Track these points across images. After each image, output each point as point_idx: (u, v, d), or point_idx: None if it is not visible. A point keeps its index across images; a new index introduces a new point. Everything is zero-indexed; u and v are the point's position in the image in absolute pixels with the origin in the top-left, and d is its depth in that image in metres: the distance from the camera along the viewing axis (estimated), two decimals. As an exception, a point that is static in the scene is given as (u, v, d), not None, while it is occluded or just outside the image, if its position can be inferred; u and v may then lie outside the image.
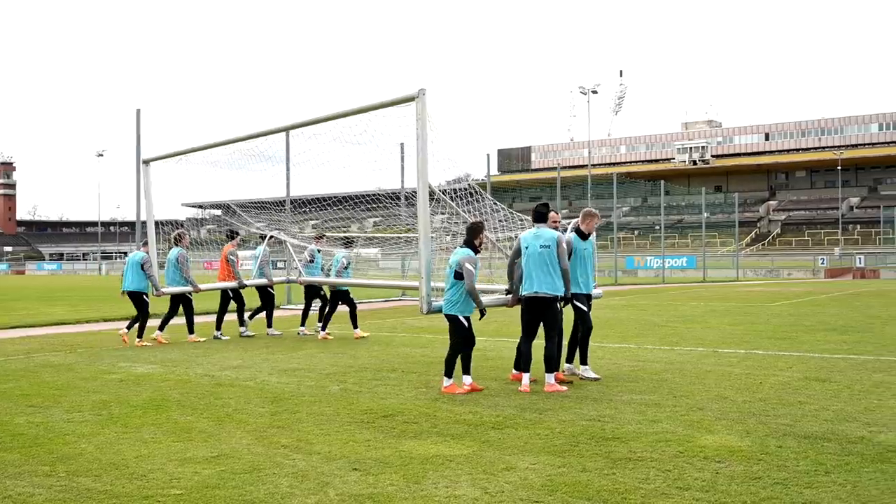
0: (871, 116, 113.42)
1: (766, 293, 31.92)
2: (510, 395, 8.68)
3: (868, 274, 52.30)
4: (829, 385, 9.07)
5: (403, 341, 14.31)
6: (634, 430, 6.89)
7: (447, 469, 5.72)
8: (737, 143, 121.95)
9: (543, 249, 8.88)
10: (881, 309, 21.41)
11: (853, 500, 4.92)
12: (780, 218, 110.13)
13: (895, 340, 13.54)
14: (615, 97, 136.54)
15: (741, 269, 57.24)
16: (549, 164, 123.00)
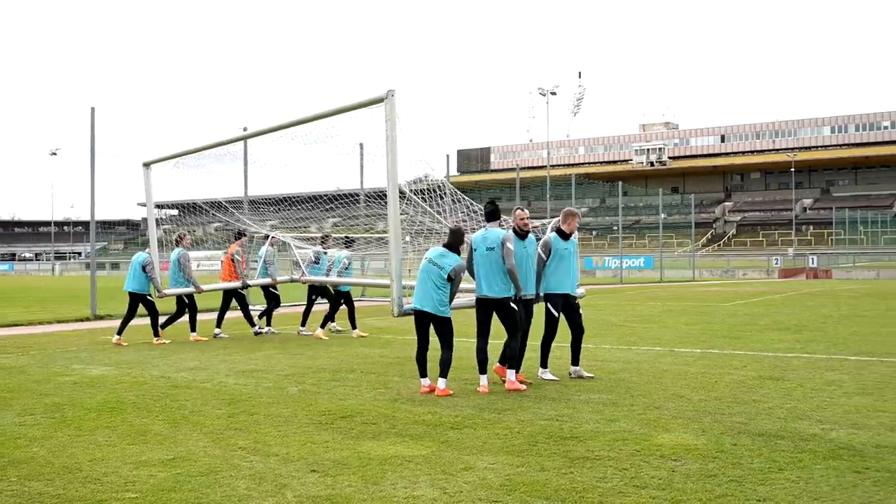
0: (824, 119, 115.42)
1: (721, 293, 32.34)
2: (469, 395, 8.70)
3: (821, 274, 53.21)
4: (782, 383, 9.21)
5: (362, 342, 14.28)
6: (592, 429, 6.94)
7: (406, 470, 5.72)
8: (693, 144, 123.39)
9: (489, 252, 8.92)
10: (833, 308, 21.79)
11: (806, 497, 5.00)
12: (735, 219, 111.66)
13: (846, 339, 13.79)
14: (574, 99, 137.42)
15: (697, 269, 57.95)
16: (508, 164, 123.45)
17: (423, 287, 8.95)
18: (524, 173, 51.49)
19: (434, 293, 8.88)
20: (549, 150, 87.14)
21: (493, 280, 8.92)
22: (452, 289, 8.95)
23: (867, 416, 7.34)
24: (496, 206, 9.35)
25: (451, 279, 8.88)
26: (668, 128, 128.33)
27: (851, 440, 6.42)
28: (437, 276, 8.89)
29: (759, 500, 4.94)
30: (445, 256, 8.97)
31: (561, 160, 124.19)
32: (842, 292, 31.77)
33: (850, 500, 4.94)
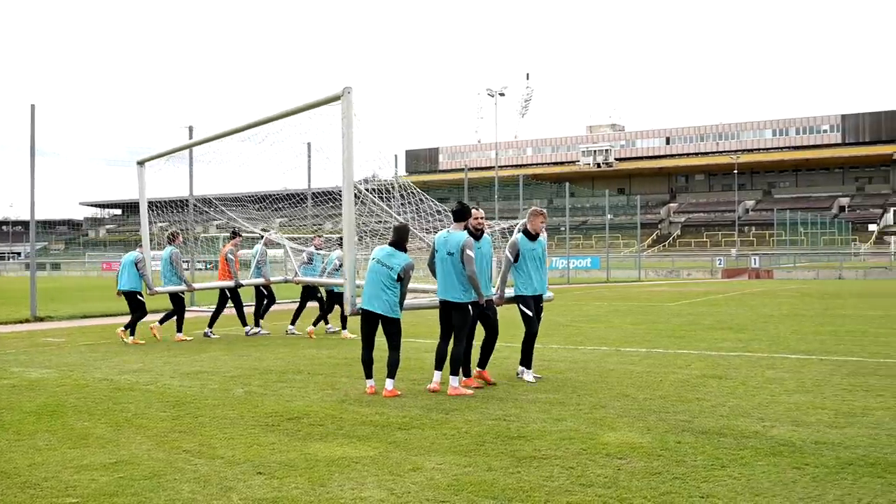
0: (766, 122, 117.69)
1: (666, 293, 32.77)
2: (417, 395, 8.69)
3: (762, 274, 54.17)
4: (725, 382, 9.36)
5: (310, 343, 14.19)
6: (539, 428, 6.98)
7: (353, 471, 5.70)
8: (639, 146, 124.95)
9: (448, 256, 8.86)
10: (774, 308, 22.21)
11: (747, 493, 5.09)
12: (680, 220, 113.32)
13: (787, 338, 14.07)
14: (522, 100, 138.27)
15: (643, 269, 58.62)
16: (456, 165, 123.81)
17: (373, 287, 8.86)
18: (472, 174, 51.64)
19: (384, 294, 8.81)
20: (497, 150, 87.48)
21: (450, 284, 8.88)
22: (402, 289, 8.90)
23: (807, 414, 7.49)
24: (464, 207, 9.15)
25: (400, 279, 8.84)
26: (615, 129, 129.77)
27: (791, 437, 6.55)
28: (386, 277, 8.81)
29: (703, 497, 5.01)
30: (394, 256, 8.89)
31: (509, 161, 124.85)
32: (782, 292, 32.40)
33: (789, 495, 5.04)
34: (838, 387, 8.94)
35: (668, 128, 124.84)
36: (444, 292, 8.95)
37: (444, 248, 8.92)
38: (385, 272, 8.81)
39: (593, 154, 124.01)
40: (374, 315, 8.87)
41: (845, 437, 6.52)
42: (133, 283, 14.55)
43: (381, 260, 8.88)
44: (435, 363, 9.08)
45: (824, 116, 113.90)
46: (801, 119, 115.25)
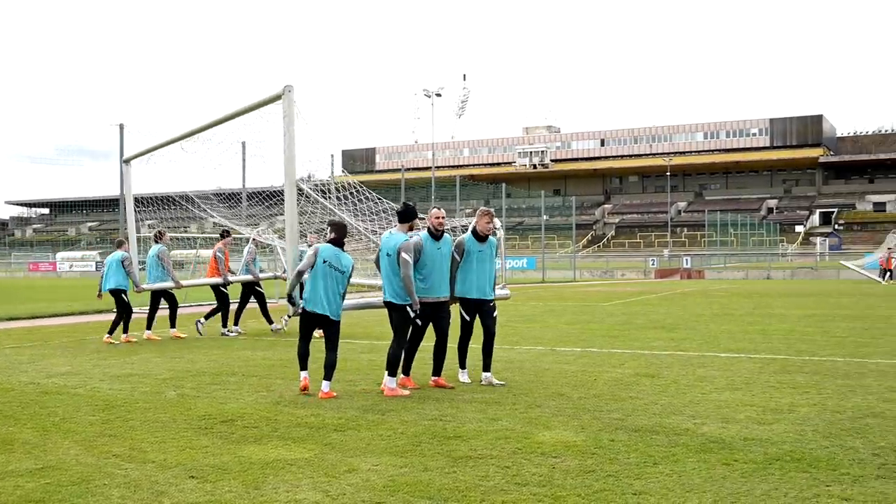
0: (697, 125, 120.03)
1: (601, 293, 33.17)
2: (353, 397, 8.65)
3: (694, 274, 55.17)
4: (657, 380, 9.51)
5: (244, 344, 14.02)
6: (475, 428, 7.01)
7: (288, 473, 5.64)
8: (574, 148, 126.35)
9: (387, 258, 8.85)
10: (705, 307, 22.64)
11: (678, 490, 5.18)
12: (614, 221, 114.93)
13: (717, 337, 14.35)
14: (458, 101, 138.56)
15: (578, 269, 59.21)
16: (393, 165, 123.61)
17: (324, 290, 8.76)
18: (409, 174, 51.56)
19: (334, 296, 8.79)
20: (433, 151, 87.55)
21: (387, 284, 8.88)
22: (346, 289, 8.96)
23: (736, 411, 7.66)
24: (408, 208, 9.07)
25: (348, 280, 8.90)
26: (551, 131, 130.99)
27: (721, 434, 6.69)
28: (339, 280, 8.80)
29: (635, 494, 5.09)
30: (341, 257, 8.84)
31: (446, 162, 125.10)
32: (713, 292, 33.03)
33: (719, 491, 5.14)
34: (766, 384, 9.15)
35: (602, 130, 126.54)
36: (384, 292, 8.96)
37: (384, 250, 8.91)
38: (338, 276, 8.79)
39: (529, 155, 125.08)
40: (320, 316, 8.83)
41: (773, 434, 6.67)
42: (119, 281, 14.62)
43: (331, 263, 8.79)
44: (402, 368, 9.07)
45: (753, 120, 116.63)
46: (731, 122, 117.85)
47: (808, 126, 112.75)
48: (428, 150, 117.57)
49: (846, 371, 10.10)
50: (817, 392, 8.62)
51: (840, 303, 23.69)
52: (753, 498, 5.00)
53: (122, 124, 24.82)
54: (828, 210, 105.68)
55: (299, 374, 8.90)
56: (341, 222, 9.14)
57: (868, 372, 10.02)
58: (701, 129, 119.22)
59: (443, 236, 9.14)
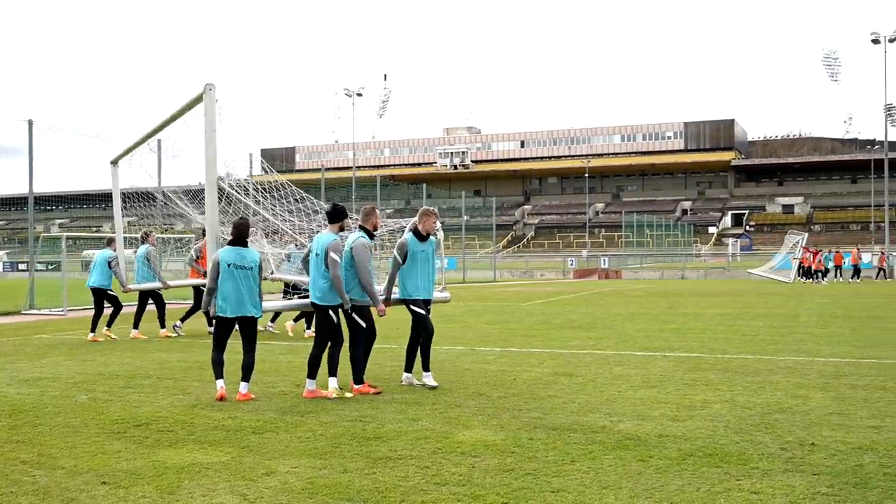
0: (615, 128, 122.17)
1: (521, 293, 33.47)
2: (271, 398, 8.55)
3: (611, 275, 56.08)
4: (575, 379, 9.64)
5: (159, 346, 13.72)
6: (395, 428, 6.99)
7: (204, 477, 5.54)
8: (495, 149, 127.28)
9: (316, 258, 8.71)
10: (622, 307, 23.04)
11: (595, 486, 5.26)
12: (534, 222, 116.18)
13: (634, 336, 14.62)
14: (380, 100, 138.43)
15: (498, 270, 59.60)
16: (313, 165, 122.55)
17: (237, 292, 8.57)
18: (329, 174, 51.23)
19: (250, 295, 8.63)
20: (354, 151, 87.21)
21: (315, 285, 8.73)
22: (261, 284, 8.80)
23: (651, 408, 7.81)
24: (337, 208, 8.98)
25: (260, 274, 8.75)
26: (471, 132, 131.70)
27: (637, 431, 6.82)
28: (250, 276, 8.64)
29: (553, 492, 5.15)
30: (244, 254, 8.65)
31: (367, 162, 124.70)
32: (630, 292, 33.63)
33: (635, 487, 5.24)
34: (680, 382, 9.36)
35: (522, 132, 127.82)
36: (312, 293, 8.81)
37: (314, 250, 8.79)
38: (246, 272, 8.61)
39: (450, 156, 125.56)
40: (240, 319, 8.67)
41: (686, 430, 6.83)
42: (102, 280, 14.93)
43: (235, 263, 8.60)
44: (328, 370, 8.76)
45: (668, 123, 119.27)
46: (647, 126, 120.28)
47: (721, 130, 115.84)
48: (349, 150, 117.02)
49: (756, 368, 10.40)
50: (729, 389, 8.85)
51: (751, 302, 24.38)
52: (668, 493, 5.11)
53: (31, 120, 24.09)
54: (739, 212, 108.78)
55: (216, 384, 8.61)
56: (240, 222, 8.93)
57: (777, 369, 10.33)
58: (618, 132, 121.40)
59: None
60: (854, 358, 11.29)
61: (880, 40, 52.62)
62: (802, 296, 27.44)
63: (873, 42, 53.13)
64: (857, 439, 6.46)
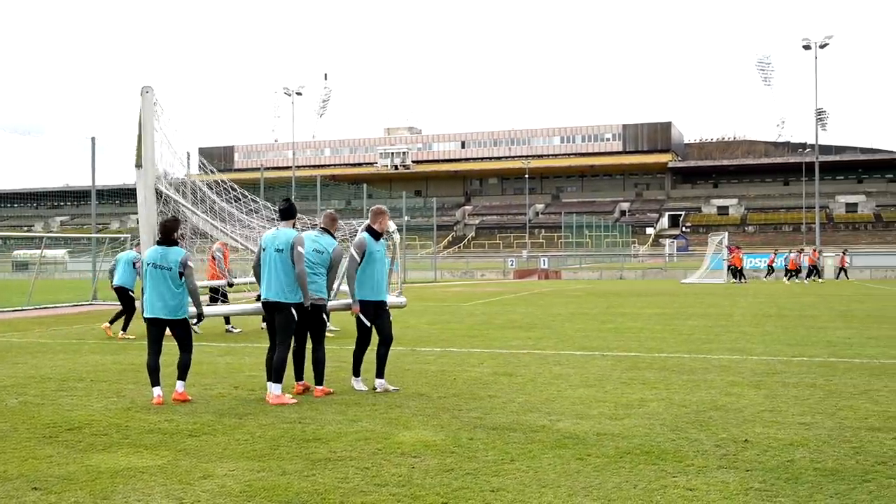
0: (554, 130, 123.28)
1: (461, 293, 33.56)
2: (209, 401, 8.44)
3: (551, 275, 56.50)
4: (515, 378, 9.70)
5: (93, 348, 13.44)
6: (335, 430, 6.96)
7: (139, 482, 5.45)
8: (435, 149, 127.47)
9: (277, 253, 8.43)
10: (561, 307, 23.23)
11: (534, 485, 5.30)
12: (474, 222, 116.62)
13: (573, 336, 14.76)
14: (320, 100, 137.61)
15: (439, 270, 59.66)
16: (252, 164, 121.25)
17: (157, 291, 8.42)
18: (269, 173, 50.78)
19: (167, 296, 8.41)
20: (294, 150, 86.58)
21: (276, 283, 8.43)
22: (189, 285, 8.51)
23: (590, 407, 7.90)
24: (291, 204, 8.79)
25: (182, 275, 8.46)
26: (412, 133, 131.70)
27: (576, 429, 6.88)
28: (169, 278, 8.40)
29: (493, 491, 5.17)
30: (168, 253, 8.44)
31: (307, 161, 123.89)
32: (569, 292, 33.94)
33: (573, 485, 5.29)
34: (618, 381, 9.48)
35: (463, 132, 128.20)
36: (267, 292, 8.51)
37: (273, 246, 8.49)
38: (165, 273, 8.39)
39: (391, 156, 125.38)
40: (161, 320, 8.50)
41: (624, 428, 6.92)
42: (126, 280, 15.29)
43: (156, 263, 8.41)
44: (267, 374, 8.56)
45: (607, 125, 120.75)
46: (587, 127, 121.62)
47: (659, 132, 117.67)
48: (288, 150, 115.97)
49: (692, 367, 10.59)
50: (665, 387, 8.99)
51: (687, 302, 24.79)
52: (605, 491, 5.17)
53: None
54: (676, 213, 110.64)
55: (152, 392, 8.40)
56: (167, 221, 8.72)
57: (711, 367, 10.53)
58: (558, 134, 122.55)
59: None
60: (786, 356, 11.56)
61: (811, 46, 53.96)
62: (736, 296, 28.00)
63: (804, 48, 54.46)
64: (788, 436, 6.61)
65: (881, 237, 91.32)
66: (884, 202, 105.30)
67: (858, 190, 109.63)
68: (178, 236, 8.75)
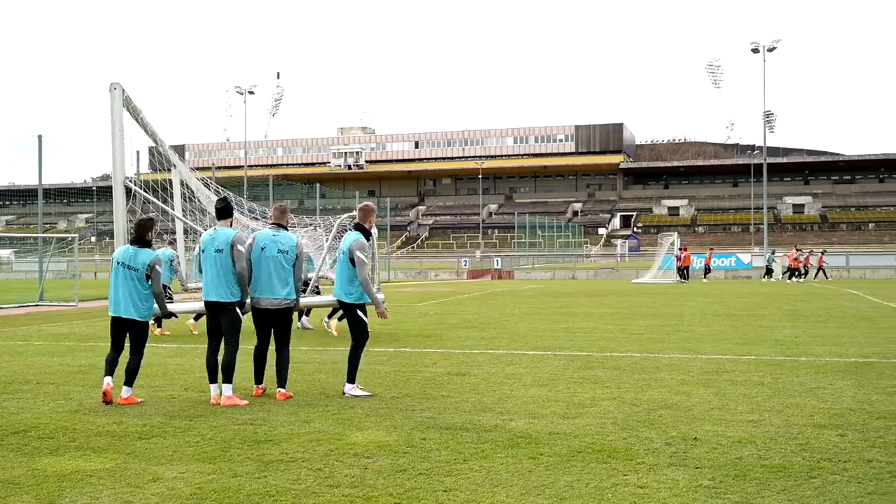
0: (507, 130, 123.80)
1: (415, 293, 33.51)
2: (159, 403, 8.33)
3: (504, 275, 56.70)
4: (468, 378, 9.72)
5: (39, 350, 13.18)
6: (287, 431, 6.91)
7: (87, 485, 5.36)
8: (389, 149, 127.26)
9: (217, 254, 8.30)
10: (515, 307, 23.33)
11: (487, 485, 5.31)
12: (428, 222, 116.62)
13: (525, 335, 14.83)
14: (272, 99, 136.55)
15: (393, 270, 59.55)
16: (203, 163, 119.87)
17: (122, 291, 8.33)
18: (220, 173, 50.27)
19: (137, 297, 8.35)
20: (246, 150, 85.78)
21: (216, 283, 8.30)
22: (154, 287, 8.43)
23: (542, 406, 7.94)
24: (227, 203, 8.66)
25: (149, 277, 8.37)
26: (366, 132, 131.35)
27: (528, 429, 6.92)
28: (136, 278, 8.33)
29: (445, 491, 5.18)
30: (137, 254, 8.38)
31: (259, 161, 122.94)
32: (522, 292, 34.08)
33: (526, 484, 5.32)
34: (570, 380, 9.55)
35: (416, 132, 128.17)
36: (206, 292, 8.41)
37: (212, 246, 8.35)
38: (132, 274, 8.33)
39: (344, 156, 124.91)
40: (124, 320, 8.41)
41: (576, 427, 6.97)
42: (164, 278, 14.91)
43: (123, 262, 8.37)
44: (209, 376, 8.42)
45: (560, 127, 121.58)
46: (540, 128, 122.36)
47: (611, 134, 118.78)
48: (240, 149, 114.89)
49: (643, 366, 10.70)
50: (616, 386, 9.08)
51: (638, 301, 25.05)
52: (557, 489, 5.20)
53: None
54: (628, 213, 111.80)
55: (102, 380, 8.32)
56: (141, 221, 8.61)
57: (662, 366, 10.66)
58: (511, 134, 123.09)
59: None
60: (734, 355, 11.74)
61: (760, 50, 54.87)
62: (687, 295, 28.36)
63: (753, 52, 55.38)
64: (736, 433, 6.72)
65: (826, 238, 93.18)
66: (829, 203, 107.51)
67: (805, 191, 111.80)
68: (151, 237, 8.66)
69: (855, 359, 11.22)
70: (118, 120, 9.43)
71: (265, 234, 8.66)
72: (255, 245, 8.53)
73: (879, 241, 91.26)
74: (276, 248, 8.48)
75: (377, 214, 23.17)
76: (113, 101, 9.50)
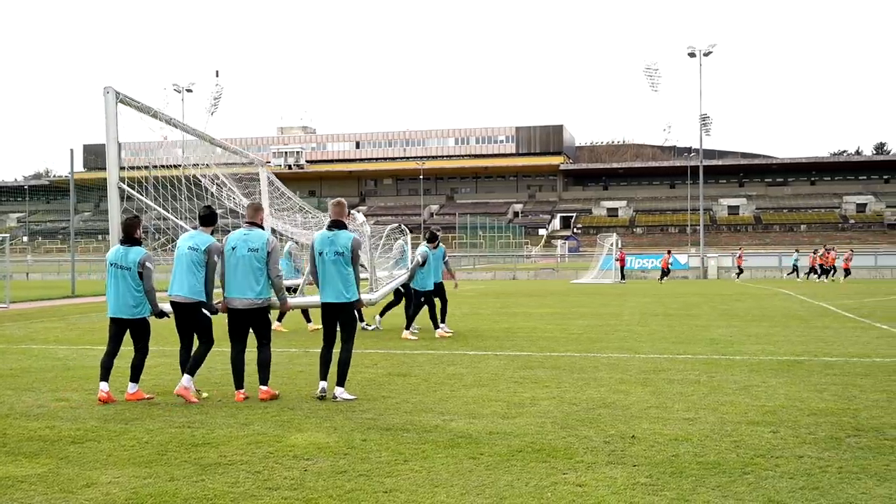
0: (449, 131, 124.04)
1: (355, 294, 33.37)
2: (93, 406, 8.17)
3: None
4: (409, 379, 9.72)
5: (-31, 353, 12.82)
6: (226, 433, 6.83)
7: (18, 491, 5.23)
8: (330, 149, 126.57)
9: (191, 251, 8.41)
10: (455, 307, 23.30)
11: (427, 485, 5.32)
12: (369, 223, 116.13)
13: (466, 336, 14.89)
14: (211, 97, 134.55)
15: (333, 271, 59.15)
16: (140, 162, 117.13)
17: (117, 291, 8.36)
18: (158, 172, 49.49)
19: (131, 296, 8.38)
20: (183, 148, 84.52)
21: (185, 283, 8.39)
22: (145, 284, 8.40)
23: (482, 406, 7.97)
24: (212, 212, 8.81)
25: (141, 275, 8.36)
26: (306, 132, 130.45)
27: (469, 429, 6.94)
28: (129, 278, 8.35)
29: (386, 492, 5.17)
30: (128, 253, 8.39)
31: (198, 160, 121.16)
32: (463, 292, 34.18)
33: (466, 484, 5.34)
34: (510, 380, 9.60)
35: (357, 132, 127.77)
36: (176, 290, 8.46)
37: (186, 244, 8.49)
38: (124, 273, 8.35)
39: (284, 156, 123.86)
40: (122, 320, 8.46)
41: (516, 427, 7.01)
42: (286, 273, 15.11)
43: (116, 262, 8.39)
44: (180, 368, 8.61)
45: (501, 128, 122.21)
46: (481, 129, 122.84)
47: (551, 135, 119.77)
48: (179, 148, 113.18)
49: (582, 365, 10.81)
50: (556, 386, 9.16)
51: (577, 301, 25.29)
52: (497, 489, 5.23)
53: None
54: (568, 214, 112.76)
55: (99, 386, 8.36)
56: (127, 220, 8.59)
57: (601, 366, 10.78)
58: (452, 135, 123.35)
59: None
60: (671, 354, 11.93)
61: (696, 54, 55.81)
62: (626, 295, 28.72)
63: (690, 56, 56.27)
64: (673, 431, 6.83)
65: (760, 239, 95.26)
66: (763, 205, 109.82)
67: (740, 193, 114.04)
68: (139, 234, 8.63)
69: (787, 357, 11.48)
70: (112, 123, 9.33)
71: (236, 234, 8.65)
72: (227, 245, 8.58)
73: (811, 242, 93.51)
74: (247, 246, 8.48)
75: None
76: (107, 104, 9.41)
